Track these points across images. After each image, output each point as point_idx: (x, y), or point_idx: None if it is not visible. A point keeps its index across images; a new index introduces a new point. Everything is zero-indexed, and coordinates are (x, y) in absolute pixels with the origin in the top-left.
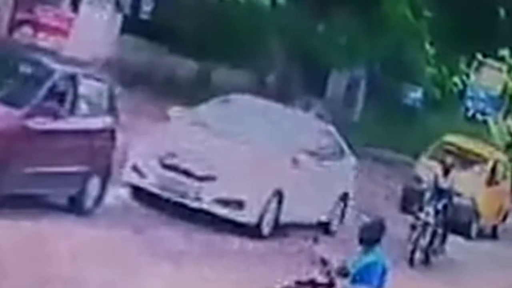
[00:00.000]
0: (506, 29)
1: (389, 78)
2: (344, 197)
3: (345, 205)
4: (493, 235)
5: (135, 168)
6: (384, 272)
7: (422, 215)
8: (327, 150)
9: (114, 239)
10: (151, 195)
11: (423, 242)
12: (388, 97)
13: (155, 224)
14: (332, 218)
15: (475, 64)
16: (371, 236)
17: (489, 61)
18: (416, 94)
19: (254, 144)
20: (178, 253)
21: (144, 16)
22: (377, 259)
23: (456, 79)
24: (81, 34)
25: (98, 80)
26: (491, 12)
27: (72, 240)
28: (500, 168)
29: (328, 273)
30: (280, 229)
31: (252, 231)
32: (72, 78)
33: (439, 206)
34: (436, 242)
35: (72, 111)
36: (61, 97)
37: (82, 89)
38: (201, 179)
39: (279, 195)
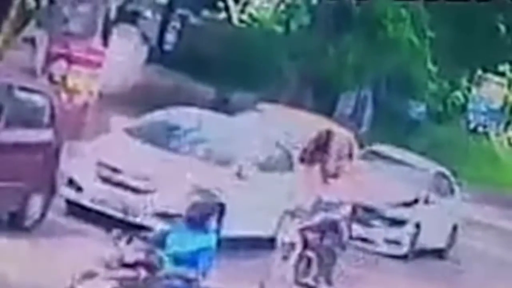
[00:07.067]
0: (506, 45)
1: (394, 95)
2: None
3: None
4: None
5: (71, 182)
6: (211, 256)
7: (281, 236)
8: (276, 162)
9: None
10: (88, 210)
11: (287, 270)
12: (393, 113)
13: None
14: (279, 233)
15: (476, 78)
16: (198, 215)
17: (490, 75)
18: (420, 108)
19: (197, 156)
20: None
21: (167, 47)
22: (209, 245)
23: (457, 93)
24: (111, 65)
25: (37, 92)
26: (492, 28)
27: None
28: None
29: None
30: (220, 243)
31: None
32: (8, 90)
33: (309, 223)
34: (313, 272)
35: (8, 124)
36: None
37: (19, 102)
38: (139, 192)
39: (220, 208)
